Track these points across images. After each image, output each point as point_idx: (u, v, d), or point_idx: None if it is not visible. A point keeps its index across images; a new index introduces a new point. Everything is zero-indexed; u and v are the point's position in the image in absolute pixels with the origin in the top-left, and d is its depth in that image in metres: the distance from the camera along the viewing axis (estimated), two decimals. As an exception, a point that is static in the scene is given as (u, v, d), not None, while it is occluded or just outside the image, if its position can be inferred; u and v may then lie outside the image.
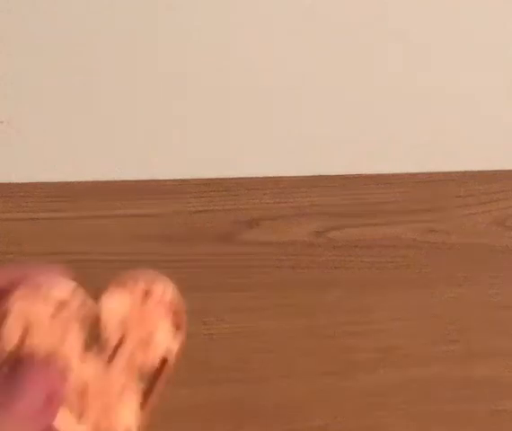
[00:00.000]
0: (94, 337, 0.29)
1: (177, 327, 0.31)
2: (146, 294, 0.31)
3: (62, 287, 0.28)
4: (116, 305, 0.30)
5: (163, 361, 0.31)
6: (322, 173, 0.62)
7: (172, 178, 0.60)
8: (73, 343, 0.28)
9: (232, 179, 0.61)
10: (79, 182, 0.60)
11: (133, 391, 0.30)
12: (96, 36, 0.56)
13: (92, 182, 0.59)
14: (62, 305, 0.28)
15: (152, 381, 0.31)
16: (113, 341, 0.30)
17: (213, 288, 0.56)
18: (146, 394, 0.30)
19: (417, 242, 0.60)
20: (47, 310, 0.28)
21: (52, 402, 0.27)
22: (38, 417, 0.26)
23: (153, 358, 0.31)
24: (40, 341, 0.27)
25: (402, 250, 0.59)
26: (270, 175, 0.62)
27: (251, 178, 0.61)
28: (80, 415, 0.28)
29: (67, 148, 0.61)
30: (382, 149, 0.62)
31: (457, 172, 0.63)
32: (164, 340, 0.31)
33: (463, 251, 0.59)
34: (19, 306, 0.27)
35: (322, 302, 0.56)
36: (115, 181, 0.60)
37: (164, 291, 0.31)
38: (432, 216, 0.61)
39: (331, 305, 0.56)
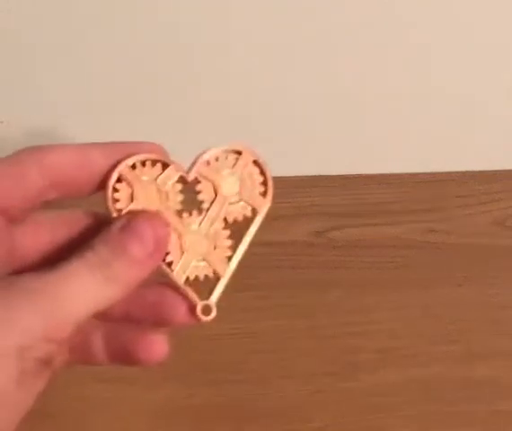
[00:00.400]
0: (190, 199, 0.34)
1: (264, 194, 0.35)
2: (237, 157, 0.35)
3: (162, 157, 0.34)
4: (209, 169, 0.34)
5: (251, 218, 0.35)
6: (322, 173, 0.62)
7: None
8: (172, 203, 0.34)
9: (232, 179, 0.61)
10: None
11: (223, 245, 0.34)
12: (96, 36, 0.56)
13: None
14: (163, 171, 0.34)
15: (240, 236, 0.35)
16: (207, 202, 0.34)
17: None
18: (235, 247, 0.34)
19: (417, 242, 0.60)
20: (151, 174, 0.33)
21: (159, 247, 0.32)
22: (148, 260, 0.31)
23: (241, 215, 0.35)
24: (146, 201, 0.33)
25: (402, 250, 0.59)
26: (270, 175, 0.62)
27: (251, 178, 0.61)
28: (177, 262, 0.33)
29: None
30: (382, 149, 0.62)
31: (457, 172, 0.63)
32: (253, 200, 0.35)
33: (463, 251, 0.59)
34: (127, 171, 0.33)
35: (322, 302, 0.56)
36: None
37: (254, 155, 0.35)
38: (432, 216, 0.61)
39: (331, 305, 0.56)
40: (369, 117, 0.61)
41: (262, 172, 0.35)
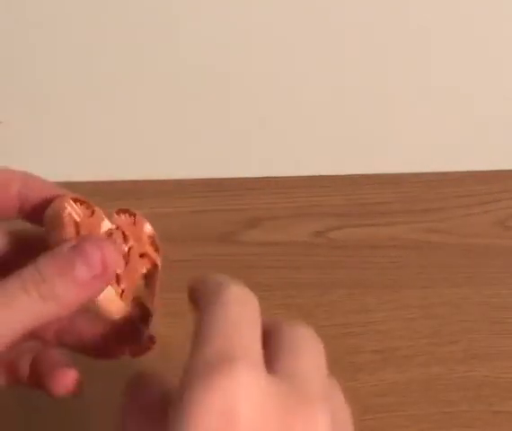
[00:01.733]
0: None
1: (156, 250, 0.38)
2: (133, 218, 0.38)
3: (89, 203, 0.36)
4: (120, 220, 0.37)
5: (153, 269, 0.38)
6: (322, 173, 0.62)
7: (172, 178, 0.60)
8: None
9: (232, 179, 0.61)
10: (79, 182, 0.59)
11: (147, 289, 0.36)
12: (96, 36, 0.56)
13: (93, 182, 0.59)
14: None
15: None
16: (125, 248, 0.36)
17: (213, 288, 0.56)
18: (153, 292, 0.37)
19: (417, 242, 0.60)
20: (86, 211, 0.35)
21: (106, 271, 0.32)
22: (93, 282, 0.31)
23: (148, 266, 0.37)
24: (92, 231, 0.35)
25: (402, 250, 0.59)
26: (270, 175, 0.62)
27: (251, 178, 0.61)
28: (129, 291, 0.35)
29: (67, 148, 0.61)
30: (381, 149, 0.62)
31: (457, 172, 0.63)
32: (152, 254, 0.38)
33: (463, 251, 0.59)
34: (69, 205, 0.34)
35: (322, 302, 0.56)
36: (115, 181, 0.60)
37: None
38: (432, 216, 0.61)
39: (331, 305, 0.56)
40: (369, 117, 0.61)
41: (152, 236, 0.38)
